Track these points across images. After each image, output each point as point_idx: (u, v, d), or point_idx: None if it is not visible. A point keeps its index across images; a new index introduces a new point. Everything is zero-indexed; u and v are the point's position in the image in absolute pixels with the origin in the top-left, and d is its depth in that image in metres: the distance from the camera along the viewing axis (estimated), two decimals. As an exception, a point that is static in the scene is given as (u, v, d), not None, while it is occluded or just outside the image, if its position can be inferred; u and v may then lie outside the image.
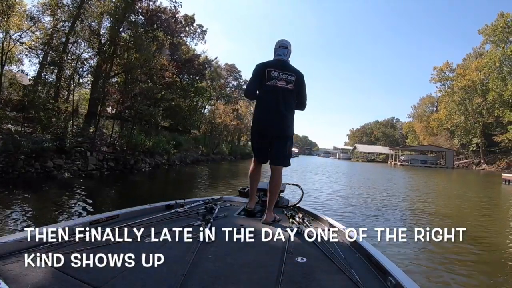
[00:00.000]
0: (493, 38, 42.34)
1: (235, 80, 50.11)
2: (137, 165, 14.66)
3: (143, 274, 1.55)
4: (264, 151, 2.95)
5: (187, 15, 30.05)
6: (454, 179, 25.85)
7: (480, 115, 46.58)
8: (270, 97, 2.83)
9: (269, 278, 1.61)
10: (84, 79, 17.33)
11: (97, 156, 13.22)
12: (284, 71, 2.84)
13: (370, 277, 1.73)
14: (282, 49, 2.93)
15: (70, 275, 1.49)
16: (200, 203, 3.07)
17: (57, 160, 12.24)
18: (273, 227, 2.26)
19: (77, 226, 2.01)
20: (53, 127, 13.06)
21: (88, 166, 12.54)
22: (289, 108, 2.88)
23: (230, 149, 38.58)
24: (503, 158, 44.37)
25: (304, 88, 2.96)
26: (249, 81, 3.02)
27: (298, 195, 3.50)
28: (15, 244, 1.69)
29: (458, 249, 5.33)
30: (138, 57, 15.40)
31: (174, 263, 1.68)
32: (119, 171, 13.28)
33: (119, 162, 13.65)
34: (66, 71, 15.77)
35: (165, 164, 17.70)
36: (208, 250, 1.91)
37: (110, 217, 2.34)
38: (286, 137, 2.91)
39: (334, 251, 1.97)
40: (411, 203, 9.83)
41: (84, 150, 13.13)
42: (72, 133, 13.68)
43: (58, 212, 6.23)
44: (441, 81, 53.31)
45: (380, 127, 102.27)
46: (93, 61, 17.67)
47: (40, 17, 15.62)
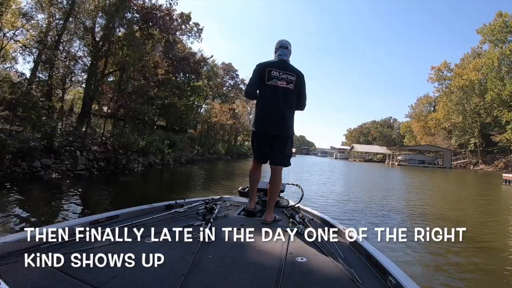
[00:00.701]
0: (492, 37, 42.19)
1: (232, 79, 49.70)
2: (129, 165, 14.19)
3: (143, 274, 1.55)
4: (264, 151, 2.93)
5: (183, 13, 29.71)
6: (454, 180, 25.55)
7: (478, 115, 46.38)
8: (270, 97, 2.82)
9: (269, 278, 1.61)
10: (77, 77, 17.19)
11: (87, 156, 12.76)
12: (285, 71, 2.82)
13: (370, 277, 1.73)
14: (282, 49, 2.93)
15: (70, 275, 1.47)
16: (200, 203, 3.07)
17: (45, 160, 11.78)
18: (273, 227, 2.23)
19: (77, 226, 2.01)
20: (43, 126, 12.62)
21: (77, 166, 12.07)
22: (289, 108, 2.86)
23: (227, 148, 38.10)
24: (501, 158, 44.27)
25: (304, 88, 2.95)
26: (250, 81, 2.98)
27: (298, 195, 3.48)
28: (15, 244, 1.68)
29: (459, 249, 5.29)
30: (130, 53, 14.91)
31: (174, 263, 1.68)
32: (109, 171, 12.80)
33: (110, 162, 13.17)
34: (59, 69, 15.33)
35: (159, 164, 17.22)
36: (208, 250, 1.90)
37: (110, 217, 2.33)
38: (286, 137, 2.89)
39: (334, 251, 1.96)
40: (414, 206, 9.44)
41: (73, 150, 12.66)
42: (61, 132, 13.20)
43: (30, 216, 5.78)
44: (439, 80, 53.14)
45: (377, 127, 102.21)
46: (87, 59, 17.42)
47: (33, 14, 15.30)
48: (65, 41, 16.23)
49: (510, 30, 40.42)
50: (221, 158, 33.84)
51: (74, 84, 17.29)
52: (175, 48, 25.49)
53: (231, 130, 45.50)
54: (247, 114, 55.23)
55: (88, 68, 17.18)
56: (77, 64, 16.65)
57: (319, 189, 12.17)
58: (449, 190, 15.83)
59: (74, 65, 16.43)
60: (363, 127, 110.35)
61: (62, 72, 15.44)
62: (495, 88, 40.52)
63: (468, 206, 10.88)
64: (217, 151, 34.45)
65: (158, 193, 9.31)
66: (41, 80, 14.85)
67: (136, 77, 15.20)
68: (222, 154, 35.59)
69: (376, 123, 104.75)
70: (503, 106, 40.36)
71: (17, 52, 15.79)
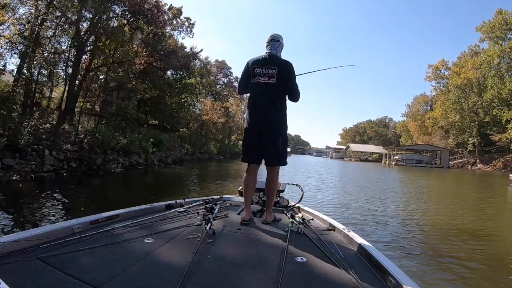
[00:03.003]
0: (491, 35, 41.36)
1: (226, 77, 48.48)
2: (106, 166, 12.77)
3: (143, 274, 1.52)
4: (253, 150, 2.81)
5: (172, 6, 28.39)
6: (457, 181, 24.46)
7: (476, 114, 45.52)
8: (255, 95, 2.82)
9: (269, 278, 1.58)
10: (59, 72, 15.91)
11: (57, 156, 11.33)
12: (266, 65, 2.75)
13: (370, 277, 1.69)
14: (273, 43, 2.87)
15: (70, 275, 1.44)
16: (200, 203, 3.05)
17: (8, 160, 10.42)
18: (273, 227, 2.43)
19: (77, 226, 1.98)
20: (8, 123, 11.27)
21: (44, 167, 10.68)
22: (275, 104, 2.76)
23: (219, 148, 36.63)
24: (499, 158, 43.52)
25: (291, 78, 2.78)
26: (239, 80, 3.00)
27: (298, 195, 3.43)
28: (15, 244, 1.63)
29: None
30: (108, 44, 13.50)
31: (174, 263, 1.65)
32: (81, 172, 11.33)
33: (83, 162, 11.75)
34: (41, 64, 14.02)
35: (142, 165, 15.77)
36: (208, 250, 1.88)
37: (110, 216, 2.26)
38: (277, 133, 2.77)
39: (334, 251, 1.95)
40: (437, 219, 8.10)
41: (42, 149, 11.26)
42: (31, 129, 11.79)
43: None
44: (437, 79, 52.23)
45: (373, 126, 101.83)
46: (71, 54, 16.14)
47: (15, 6, 13.95)
48: (49, 35, 14.85)
49: (510, 28, 39.63)
50: (213, 158, 32.33)
51: (56, 78, 16.13)
52: (164, 42, 24.03)
53: (224, 129, 44.29)
54: (241, 113, 54.13)
55: (72, 63, 15.94)
56: (60, 59, 15.40)
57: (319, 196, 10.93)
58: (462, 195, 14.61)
59: (57, 60, 15.14)
60: (358, 126, 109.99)
61: (40, 66, 14.23)
62: (495, 86, 39.68)
63: (479, 209, 9.81)
64: (208, 150, 33.04)
65: (122, 200, 7.72)
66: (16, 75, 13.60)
67: (115, 69, 13.74)
68: (214, 153, 34.17)
69: (372, 122, 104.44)
70: (503, 105, 39.50)
71: (3, 49, 14.51)
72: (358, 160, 73.65)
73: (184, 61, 24.71)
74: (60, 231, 1.85)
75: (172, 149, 23.49)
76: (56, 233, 1.81)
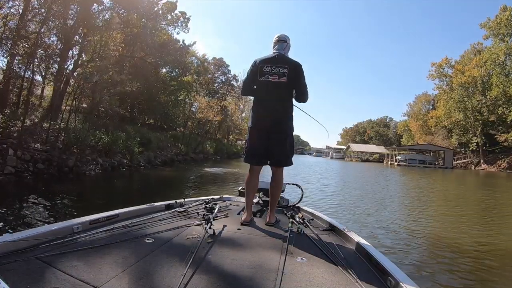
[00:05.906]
0: (497, 32, 40.02)
1: (224, 75, 47.18)
2: (81, 168, 11.41)
3: (143, 274, 1.48)
4: (260, 149, 2.70)
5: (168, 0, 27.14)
6: (466, 182, 23.09)
7: (480, 113, 44.20)
8: (263, 93, 2.70)
9: (269, 278, 1.55)
10: (44, 68, 14.67)
11: (23, 156, 10.00)
12: (277, 64, 2.66)
13: (370, 277, 1.66)
14: (280, 43, 2.79)
15: (70, 275, 1.40)
16: (200, 202, 3.03)
17: (-35, 160, 9.11)
18: (273, 227, 2.41)
19: (77, 226, 1.94)
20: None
21: (4, 168, 9.33)
22: (284, 103, 2.69)
23: (215, 147, 35.22)
24: (503, 158, 42.20)
25: (301, 79, 2.70)
26: (245, 79, 2.84)
27: (298, 195, 3.38)
28: (15, 243, 1.59)
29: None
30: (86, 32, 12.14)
31: (174, 262, 1.62)
32: (49, 174, 9.96)
33: (52, 163, 10.40)
34: (22, 59, 12.75)
35: (125, 166, 14.40)
36: (208, 250, 1.85)
37: (110, 216, 2.22)
38: (284, 133, 2.69)
39: (334, 251, 1.93)
40: (447, 227, 6.90)
41: (5, 148, 9.93)
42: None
43: None
44: (440, 77, 50.84)
45: (373, 126, 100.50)
46: (58, 48, 14.88)
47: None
48: (40, 32, 13.53)
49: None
50: (209, 158, 30.83)
51: (40, 73, 14.95)
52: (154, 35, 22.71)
53: (222, 128, 43.00)
54: (240, 112, 52.78)
55: (59, 58, 14.68)
56: (47, 53, 14.13)
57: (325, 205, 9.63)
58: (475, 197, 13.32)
59: (42, 55, 13.87)
60: (359, 126, 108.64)
61: (21, 61, 12.96)
62: (501, 84, 38.35)
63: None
64: (204, 150, 31.64)
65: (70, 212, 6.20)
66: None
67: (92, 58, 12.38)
68: (210, 153, 32.75)
69: (372, 122, 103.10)
70: (509, 103, 38.18)
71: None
72: (359, 160, 72.47)
73: (176, 54, 23.31)
74: (60, 231, 1.82)
75: (163, 149, 22.14)
76: (56, 233, 1.78)
